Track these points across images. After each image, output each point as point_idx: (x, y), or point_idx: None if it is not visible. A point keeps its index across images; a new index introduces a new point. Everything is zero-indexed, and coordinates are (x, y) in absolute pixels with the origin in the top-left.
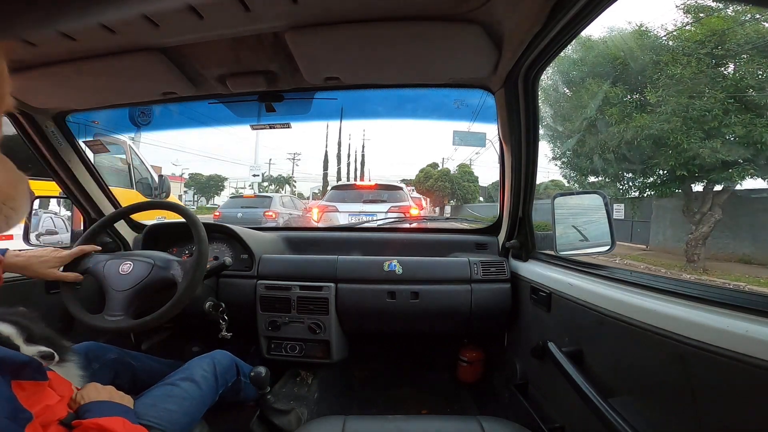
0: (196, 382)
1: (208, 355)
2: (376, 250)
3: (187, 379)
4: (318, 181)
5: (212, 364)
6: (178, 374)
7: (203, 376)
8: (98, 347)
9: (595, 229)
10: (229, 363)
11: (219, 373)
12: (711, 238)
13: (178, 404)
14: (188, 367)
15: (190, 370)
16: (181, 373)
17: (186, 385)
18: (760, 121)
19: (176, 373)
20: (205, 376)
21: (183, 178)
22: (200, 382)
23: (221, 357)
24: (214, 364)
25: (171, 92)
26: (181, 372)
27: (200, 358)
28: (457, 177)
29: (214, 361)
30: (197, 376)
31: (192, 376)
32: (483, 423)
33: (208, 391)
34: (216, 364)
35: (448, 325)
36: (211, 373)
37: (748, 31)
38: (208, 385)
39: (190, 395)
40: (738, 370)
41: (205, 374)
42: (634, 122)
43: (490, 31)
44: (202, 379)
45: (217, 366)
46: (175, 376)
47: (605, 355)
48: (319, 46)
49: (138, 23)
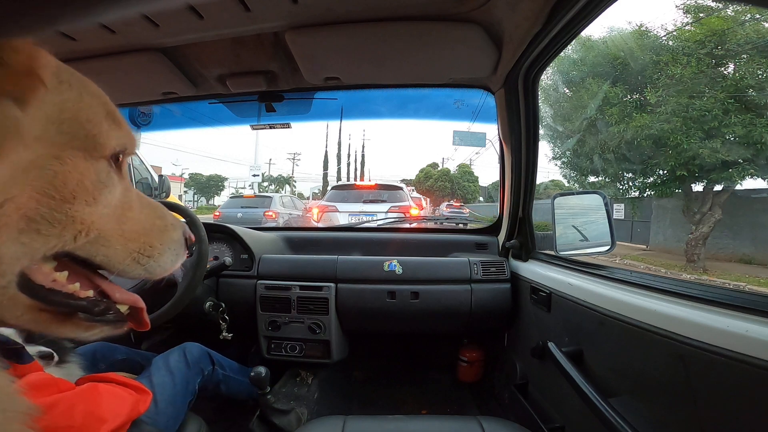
0: (171, 372)
1: (177, 347)
2: (376, 250)
3: (161, 368)
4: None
5: (182, 353)
6: (152, 366)
7: (176, 365)
8: (106, 348)
9: (595, 229)
10: (200, 352)
11: (191, 361)
12: (711, 238)
13: (161, 394)
14: (160, 358)
15: (162, 361)
16: (153, 365)
17: (162, 376)
18: (760, 121)
19: (149, 367)
20: (177, 366)
21: (183, 178)
22: (175, 372)
23: (191, 347)
24: (185, 353)
25: (171, 92)
26: (153, 365)
27: (170, 350)
28: (457, 177)
29: (184, 350)
30: (171, 367)
31: (166, 367)
32: (483, 423)
33: (184, 379)
34: (186, 352)
35: (448, 325)
36: (183, 362)
37: (748, 31)
38: (181, 373)
39: (169, 384)
40: (738, 370)
41: (177, 363)
42: (634, 122)
43: (490, 31)
44: (176, 369)
45: (188, 354)
46: (150, 369)
47: (605, 355)
48: (319, 46)
49: (138, 23)
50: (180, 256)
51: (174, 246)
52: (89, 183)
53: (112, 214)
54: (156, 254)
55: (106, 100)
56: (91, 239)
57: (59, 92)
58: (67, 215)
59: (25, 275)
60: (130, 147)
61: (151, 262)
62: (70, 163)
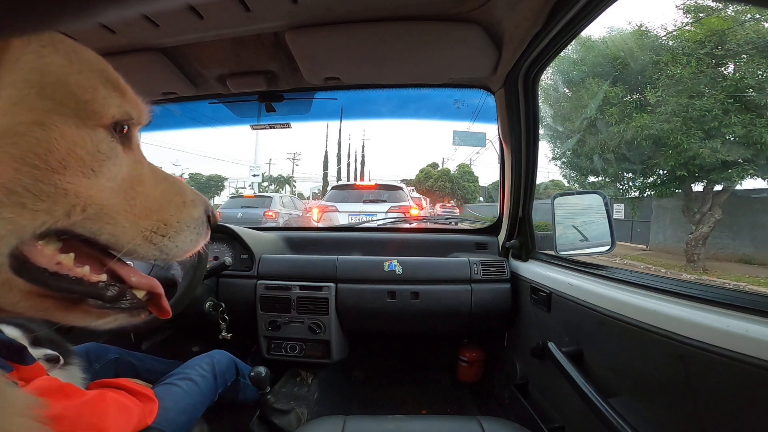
0: (195, 381)
1: (207, 355)
2: (376, 250)
3: (186, 378)
4: (318, 181)
5: (211, 364)
6: (176, 374)
7: (202, 375)
8: (99, 348)
9: (595, 229)
10: (228, 363)
11: (218, 372)
12: (711, 238)
13: (177, 403)
14: (187, 366)
15: (189, 370)
16: (180, 372)
17: (185, 385)
18: (760, 121)
19: (175, 372)
20: (204, 376)
21: (183, 178)
22: (199, 382)
23: (220, 357)
24: (213, 364)
25: (171, 92)
26: (180, 371)
27: (199, 357)
28: (457, 177)
29: (213, 360)
30: (196, 376)
31: (190, 376)
32: (483, 423)
33: (207, 391)
34: (215, 363)
35: (448, 325)
36: (210, 372)
37: (748, 31)
38: (207, 384)
39: (189, 394)
40: (738, 370)
41: (204, 374)
42: (634, 122)
43: (490, 31)
44: (201, 379)
45: (216, 366)
46: (174, 376)
47: (605, 355)
48: (319, 46)
49: (138, 23)
50: (202, 236)
51: (194, 224)
52: (84, 153)
53: (118, 189)
54: (172, 233)
55: (104, 66)
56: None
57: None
58: (56, 187)
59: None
60: (138, 116)
61: (166, 242)
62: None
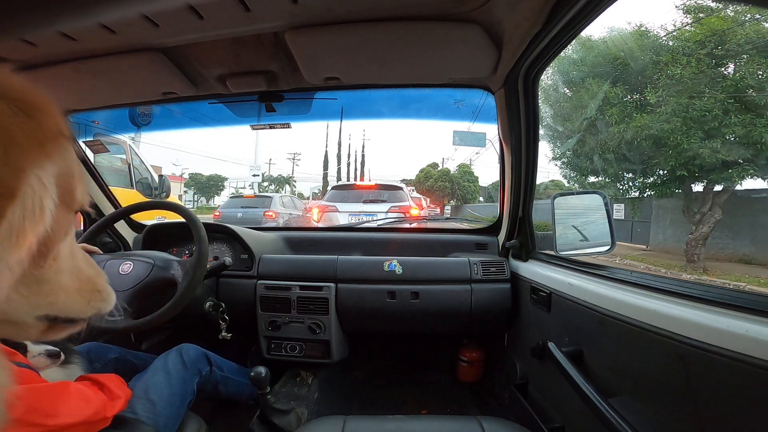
0: (169, 372)
1: (174, 348)
2: (377, 250)
3: (159, 370)
4: (318, 181)
5: (179, 354)
6: (149, 370)
7: (173, 366)
8: (99, 347)
9: (595, 229)
10: (197, 353)
11: (188, 362)
12: (711, 239)
13: (158, 395)
14: (158, 360)
15: (160, 363)
16: (152, 367)
17: (160, 377)
18: (760, 121)
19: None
20: (175, 367)
21: (183, 178)
22: (172, 372)
23: (188, 348)
24: (181, 354)
25: (171, 92)
26: (152, 367)
27: (167, 352)
28: (457, 177)
29: (180, 351)
30: (169, 368)
31: (163, 368)
32: (483, 423)
33: (181, 380)
34: (183, 353)
35: (448, 325)
36: (180, 362)
37: (748, 31)
38: (179, 374)
39: (168, 384)
40: (738, 370)
41: (174, 365)
42: (634, 122)
43: (490, 31)
44: (174, 370)
45: (185, 355)
46: (148, 372)
47: (605, 355)
48: (319, 46)
49: (138, 23)
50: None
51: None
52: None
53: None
54: (104, 296)
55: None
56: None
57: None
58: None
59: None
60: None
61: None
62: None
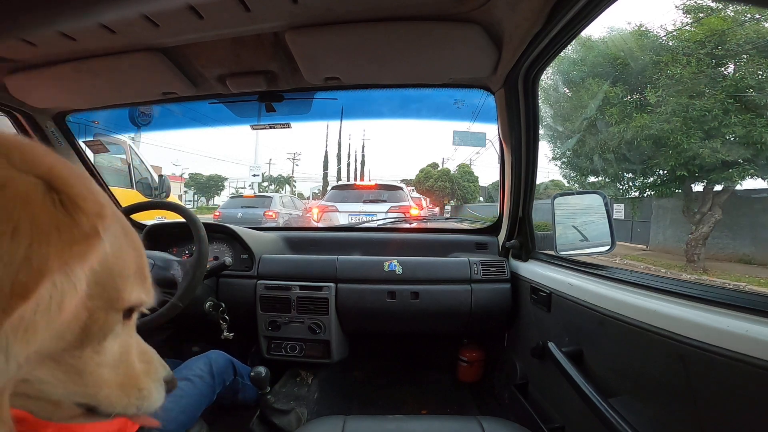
0: (193, 381)
1: (204, 355)
2: (376, 250)
3: (183, 378)
4: (318, 181)
5: (208, 364)
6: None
7: (199, 375)
8: None
9: (595, 229)
10: (225, 362)
11: (215, 372)
12: (711, 239)
13: (175, 402)
14: (184, 367)
15: (186, 371)
16: (177, 373)
17: (182, 384)
18: (760, 121)
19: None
20: (201, 376)
21: (183, 178)
22: (197, 382)
23: (217, 356)
24: (210, 364)
25: (171, 92)
26: (177, 372)
27: (196, 357)
28: (457, 177)
29: (210, 360)
30: (193, 376)
31: (188, 376)
32: (483, 423)
33: (204, 390)
34: (212, 363)
35: (448, 325)
36: (208, 372)
37: (748, 31)
38: (204, 383)
39: (187, 394)
40: (738, 370)
41: (201, 373)
42: (634, 122)
43: (490, 31)
44: (198, 378)
45: (213, 365)
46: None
47: (605, 355)
48: (319, 46)
49: (138, 23)
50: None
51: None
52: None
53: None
54: (145, 394)
55: (141, 253)
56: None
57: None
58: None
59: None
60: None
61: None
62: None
